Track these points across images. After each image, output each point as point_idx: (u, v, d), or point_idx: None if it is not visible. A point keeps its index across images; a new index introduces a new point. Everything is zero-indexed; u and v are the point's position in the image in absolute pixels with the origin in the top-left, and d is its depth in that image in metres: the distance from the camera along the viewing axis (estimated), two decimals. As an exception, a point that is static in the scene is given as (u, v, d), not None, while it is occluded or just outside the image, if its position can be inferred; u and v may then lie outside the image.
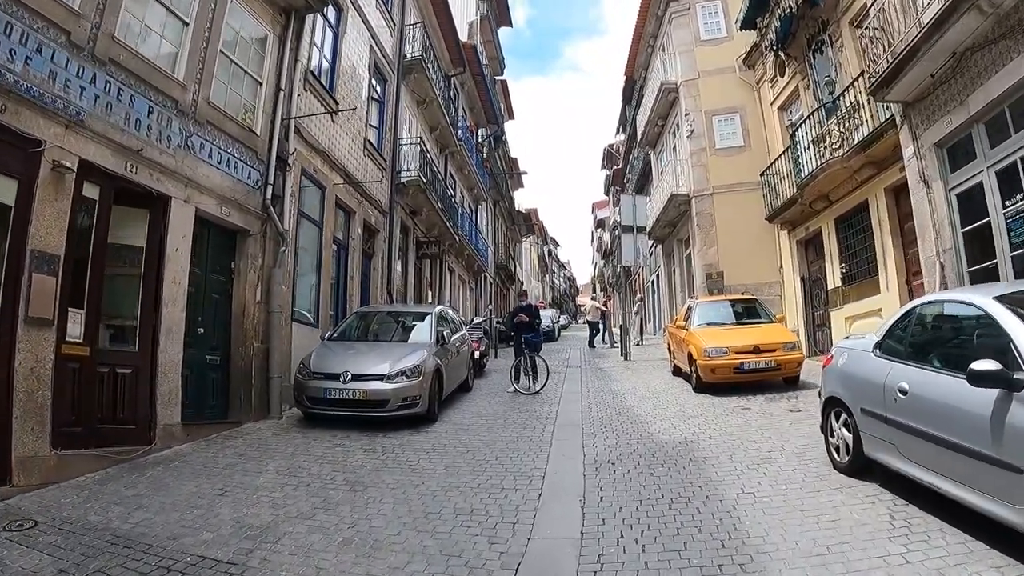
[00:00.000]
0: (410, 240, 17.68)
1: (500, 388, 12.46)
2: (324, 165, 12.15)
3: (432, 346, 9.79)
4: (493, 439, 7.96)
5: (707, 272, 18.10)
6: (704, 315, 12.10)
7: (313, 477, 6.39)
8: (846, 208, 13.53)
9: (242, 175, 9.57)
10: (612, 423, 8.66)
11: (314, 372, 9.04)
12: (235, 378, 9.50)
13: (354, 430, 8.50)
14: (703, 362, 10.34)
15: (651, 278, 32.00)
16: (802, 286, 16.11)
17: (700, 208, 18.69)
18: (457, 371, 11.15)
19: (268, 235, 10.18)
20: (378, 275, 15.06)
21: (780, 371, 10.32)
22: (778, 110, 17.45)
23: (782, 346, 10.34)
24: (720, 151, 18.83)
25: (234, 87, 9.54)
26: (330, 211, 12.38)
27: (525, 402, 10.82)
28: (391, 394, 8.63)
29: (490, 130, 31.33)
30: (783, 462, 6.15)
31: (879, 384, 4.87)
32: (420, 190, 16.32)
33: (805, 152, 14.33)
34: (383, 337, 10.56)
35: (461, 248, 23.45)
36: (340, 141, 12.99)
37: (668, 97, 20.60)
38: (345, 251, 13.46)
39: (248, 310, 9.73)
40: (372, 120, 15.50)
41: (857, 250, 13.31)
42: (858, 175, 12.51)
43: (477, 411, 10.08)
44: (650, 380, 12.98)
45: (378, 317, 11.26)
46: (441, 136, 20.98)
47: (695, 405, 9.63)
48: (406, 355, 9.16)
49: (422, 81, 17.75)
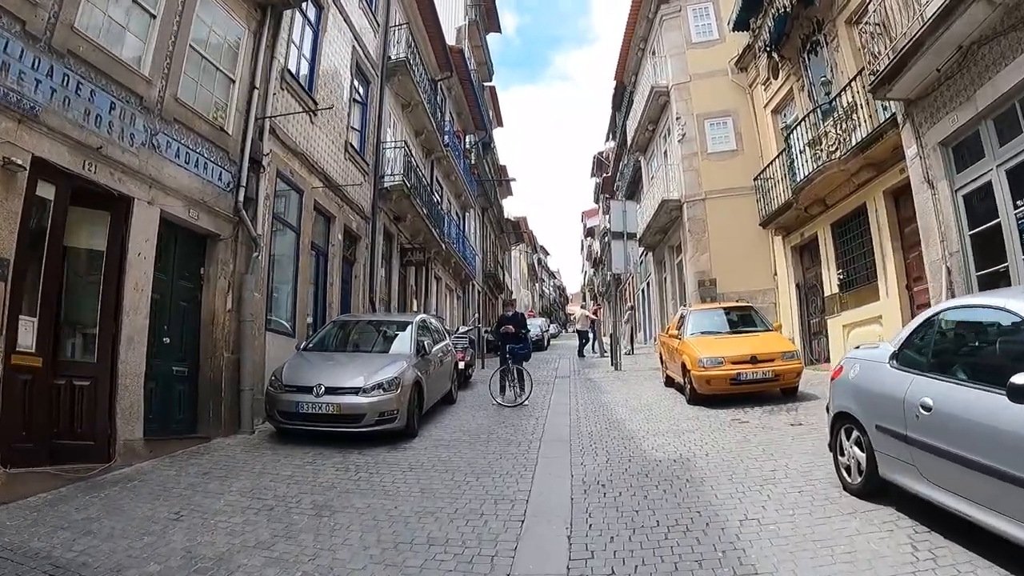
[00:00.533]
0: (394, 247, 17.17)
1: (486, 400, 11.93)
2: (302, 168, 11.64)
3: (412, 357, 9.27)
4: (475, 457, 7.44)
5: (699, 279, 17.63)
6: (698, 324, 11.63)
7: (278, 500, 5.87)
8: (843, 212, 13.13)
9: (212, 176, 9.07)
10: (602, 438, 8.16)
11: (286, 385, 8.52)
12: (204, 390, 8.96)
13: (328, 446, 7.99)
14: (697, 373, 9.85)
15: (642, 286, 31.53)
16: (797, 293, 15.68)
17: (692, 214, 18.24)
18: (440, 383, 10.63)
19: (240, 240, 9.67)
20: (360, 283, 14.53)
21: (778, 382, 9.84)
22: (771, 113, 17.07)
23: (780, 355, 9.86)
24: (712, 155, 18.41)
25: (205, 84, 9.04)
26: (308, 215, 11.86)
27: (511, 415, 10.31)
28: (367, 408, 8.11)
29: (478, 136, 30.89)
30: (788, 483, 5.64)
31: (898, 399, 4.38)
32: (404, 195, 15.82)
33: (800, 155, 13.95)
34: (361, 347, 10.03)
35: (448, 256, 22.92)
36: (319, 143, 12.48)
37: (659, 101, 20.19)
38: (324, 257, 12.94)
39: (218, 318, 9.21)
40: (354, 123, 15.03)
41: (855, 256, 12.90)
42: (856, 178, 12.11)
43: (460, 425, 9.55)
44: (642, 391, 12.49)
45: (357, 326, 10.71)
46: (427, 141, 20.51)
47: (690, 419, 9.14)
48: (383, 367, 8.64)
49: (407, 84, 17.28)
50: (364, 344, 10.16)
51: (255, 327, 9.73)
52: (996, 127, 7.66)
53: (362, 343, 10.19)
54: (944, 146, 8.69)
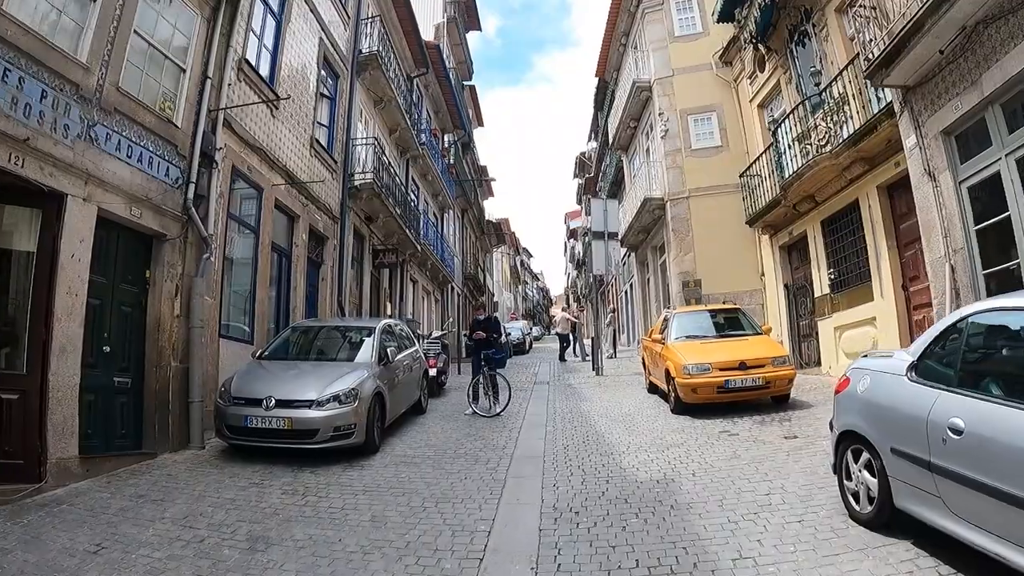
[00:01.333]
0: (366, 248, 16.39)
1: (459, 409, 11.24)
2: (262, 164, 10.90)
3: (373, 366, 8.55)
4: (437, 477, 6.72)
5: (684, 280, 16.96)
6: (682, 327, 10.94)
7: (212, 529, 5.19)
8: (834, 209, 12.57)
9: (158, 172, 8.34)
10: (579, 454, 7.44)
11: (234, 397, 7.80)
12: (149, 403, 8.21)
13: (281, 463, 7.30)
14: (682, 380, 9.18)
15: (625, 288, 30.92)
16: (786, 294, 15.09)
17: (675, 212, 17.58)
18: (406, 392, 9.91)
19: (189, 240, 8.94)
20: (327, 285, 13.76)
21: (769, 389, 9.16)
22: (758, 108, 16.51)
23: (771, 361, 9.20)
24: (696, 152, 17.77)
25: (152, 73, 8.30)
26: (268, 215, 11.10)
27: (483, 427, 9.60)
28: (320, 423, 7.39)
29: (457, 135, 30.16)
30: (786, 510, 4.95)
31: (919, 419, 3.71)
32: (375, 194, 15.06)
33: (788, 150, 13.42)
34: (320, 355, 9.29)
35: (424, 257, 22.14)
36: (282, 139, 11.74)
37: (641, 96, 19.53)
38: (288, 259, 12.17)
39: (164, 325, 8.46)
40: (322, 118, 14.27)
41: (847, 254, 12.33)
42: (848, 172, 11.56)
43: (427, 438, 8.84)
44: (623, 399, 11.81)
45: (316, 333, 9.94)
46: (401, 139, 19.75)
47: (674, 430, 8.44)
48: (340, 377, 7.89)
49: (379, 79, 16.52)
50: (323, 352, 9.42)
51: (207, 334, 9.03)
52: (1005, 113, 7.05)
53: (321, 351, 9.45)
54: (946, 135, 8.09)
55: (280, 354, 9.14)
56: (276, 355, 9.10)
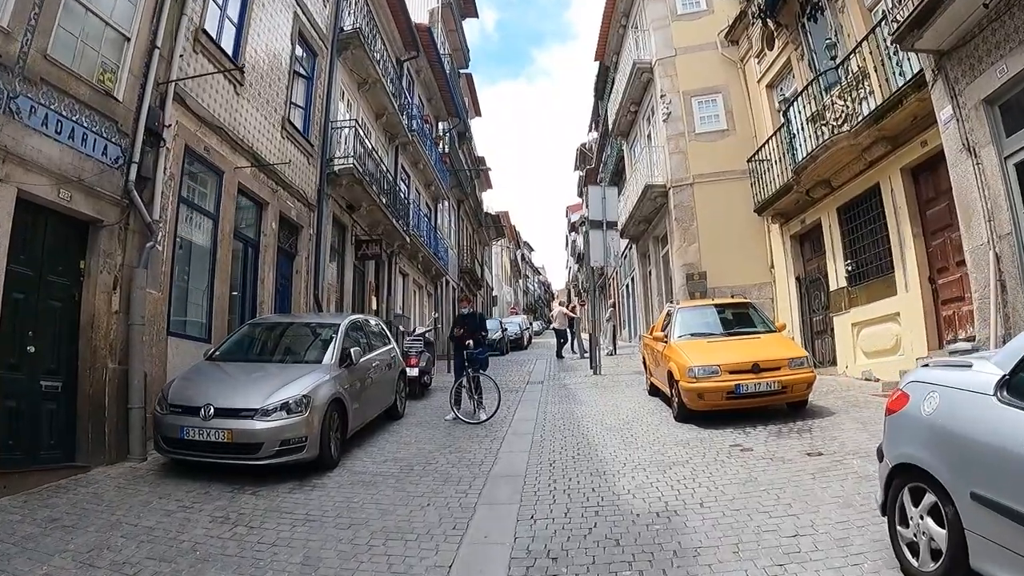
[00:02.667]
0: (348, 239, 15.34)
1: (441, 413, 10.23)
2: (222, 145, 9.87)
3: (332, 368, 7.50)
4: (396, 502, 5.68)
5: (687, 273, 15.84)
6: (687, 324, 9.84)
7: (113, 569, 4.26)
8: (852, 195, 11.56)
9: (94, 150, 7.34)
10: (566, 473, 6.38)
11: (171, 404, 6.82)
12: (83, 410, 7.20)
13: (222, 480, 6.36)
14: (687, 385, 8.11)
15: (626, 281, 29.81)
16: (797, 288, 14.02)
17: (679, 200, 16.45)
18: (377, 396, 8.87)
19: (131, 227, 7.94)
20: (302, 278, 12.72)
21: (786, 395, 8.08)
22: (766, 88, 15.43)
23: (788, 363, 8.10)
24: (700, 136, 16.64)
25: (89, 40, 7.32)
26: (229, 200, 10.05)
27: (463, 435, 8.57)
28: (265, 435, 6.38)
29: (452, 123, 29.04)
30: (820, 560, 3.87)
31: (1016, 456, 2.67)
32: (356, 181, 13.99)
33: (800, 132, 12.37)
34: (276, 355, 8.25)
35: (415, 249, 21.09)
36: (248, 118, 10.69)
37: (641, 78, 18.39)
38: (255, 249, 11.13)
39: (100, 322, 7.47)
40: (297, 99, 13.22)
41: (866, 244, 11.31)
42: (868, 154, 10.55)
43: (396, 450, 7.80)
44: (622, 402, 10.75)
45: (276, 330, 8.90)
46: (389, 124, 18.66)
47: (678, 443, 7.35)
48: (291, 382, 6.85)
49: (362, 58, 15.45)
50: (280, 352, 8.38)
51: (152, 331, 8.06)
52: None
53: (278, 350, 8.41)
54: (989, 104, 7.07)
55: (233, 354, 8.12)
56: (229, 355, 8.08)
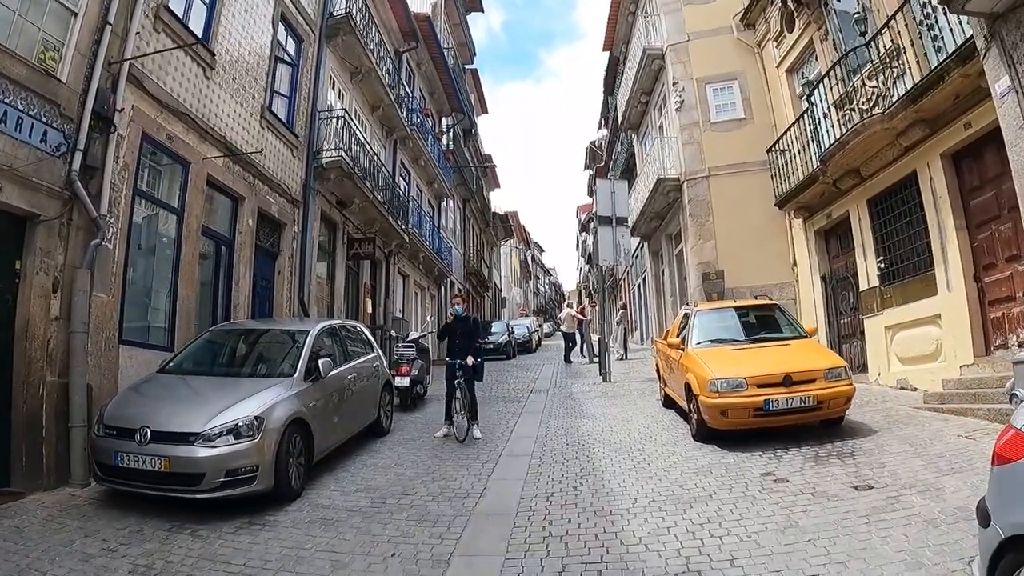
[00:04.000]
0: (339, 237, 14.34)
1: (432, 428, 9.21)
2: (189, 133, 8.93)
3: (296, 383, 6.48)
4: (355, 550, 4.66)
5: (703, 272, 14.70)
6: (706, 329, 8.73)
7: None
8: (884, 185, 10.47)
9: (30, 136, 6.48)
10: (565, 512, 5.32)
11: (106, 425, 5.86)
12: (18, 428, 6.33)
13: (162, 515, 5.44)
14: (709, 400, 7.02)
15: (637, 282, 28.67)
16: (823, 288, 12.91)
17: (693, 194, 15.32)
18: (353, 413, 7.85)
19: (75, 223, 7.03)
20: (285, 280, 11.73)
21: (821, 411, 6.97)
22: (786, 73, 14.33)
23: (824, 374, 7.01)
24: (716, 125, 15.52)
25: (28, 14, 6.51)
26: (196, 194, 9.09)
27: (452, 457, 7.54)
28: (207, 464, 5.39)
29: (456, 119, 28.03)
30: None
31: None
32: (345, 174, 12.99)
33: (826, 117, 11.29)
34: (235, 367, 7.25)
35: (416, 249, 20.08)
36: (220, 105, 9.75)
37: (652, 66, 17.28)
38: (229, 248, 10.16)
39: (36, 329, 6.58)
40: (281, 87, 12.27)
41: (901, 238, 10.22)
42: (903, 138, 9.47)
43: (371, 476, 6.77)
44: (633, 416, 9.68)
45: (239, 338, 7.86)
46: (385, 117, 17.66)
47: (699, 470, 6.26)
48: (242, 400, 5.84)
49: (353, 46, 14.47)
50: (241, 363, 7.38)
51: (100, 339, 7.21)
52: None
53: (239, 362, 7.41)
54: (1058, 70, 5.99)
55: (190, 366, 7.12)
56: (184, 367, 7.08)
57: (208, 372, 6.95)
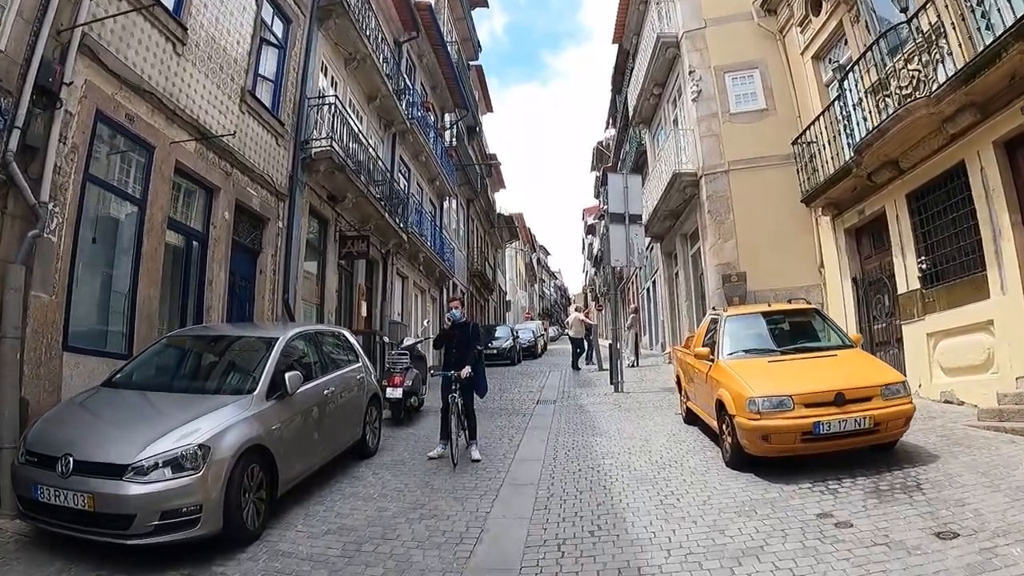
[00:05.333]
0: (330, 235, 13.32)
1: (426, 446, 8.20)
2: (154, 114, 7.95)
3: (257, 400, 5.43)
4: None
5: (723, 274, 13.59)
6: (739, 337, 7.62)
7: None
8: (927, 177, 9.43)
9: (-43, 110, 5.46)
10: (582, 570, 4.26)
11: (28, 451, 4.83)
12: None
13: (91, 559, 4.48)
14: (748, 422, 5.94)
15: (647, 285, 27.55)
16: (854, 291, 11.84)
17: (712, 190, 14.23)
18: (333, 433, 6.79)
19: (9, 211, 6.07)
20: (268, 279, 10.72)
21: (878, 434, 5.89)
22: (812, 60, 13.27)
23: (881, 391, 5.94)
24: (736, 117, 14.45)
25: None
26: (162, 182, 8.09)
27: (445, 485, 6.51)
28: (139, 504, 4.37)
29: (459, 115, 27.02)
30: None
31: None
32: (336, 167, 11.97)
33: (858, 106, 10.28)
34: (188, 382, 6.21)
35: (416, 249, 19.04)
36: (192, 85, 8.78)
37: (666, 55, 16.20)
38: (201, 243, 9.16)
39: (-41, 336, 5.57)
40: (266, 70, 11.30)
41: (946, 236, 9.20)
42: (950, 125, 8.45)
43: (348, 511, 5.72)
44: (652, 433, 8.62)
45: (199, 346, 6.79)
46: (383, 109, 16.66)
47: (739, 510, 5.19)
48: (186, 423, 4.82)
49: (347, 30, 13.49)
50: (195, 376, 6.34)
51: (39, 346, 6.20)
52: None
53: (193, 375, 6.37)
54: None
55: (141, 377, 6.11)
56: (135, 379, 6.07)
57: (157, 386, 5.92)
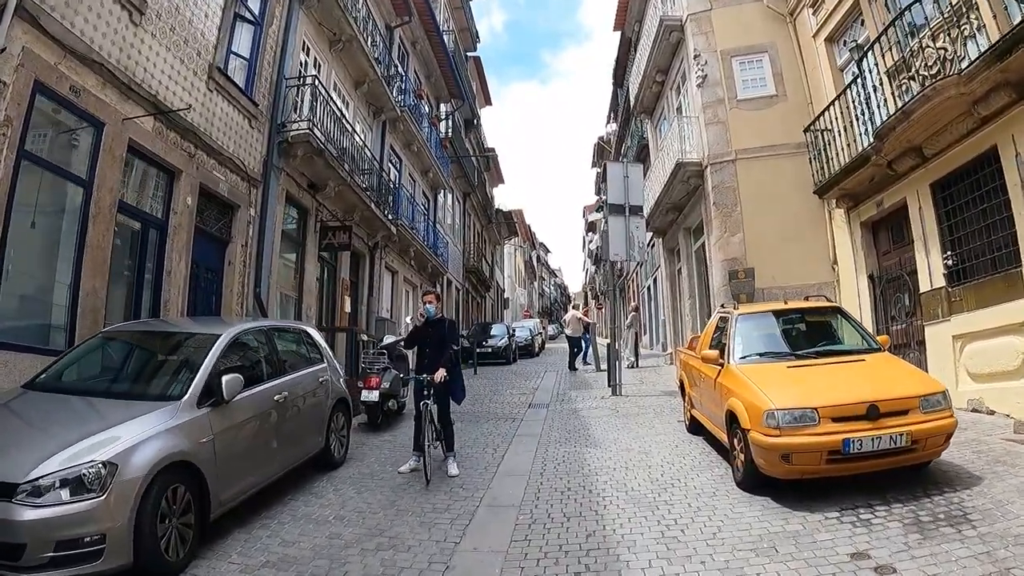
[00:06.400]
0: (311, 225, 12.47)
1: (401, 455, 7.38)
2: (106, 88, 7.17)
3: (183, 408, 4.60)
4: None
5: (730, 270, 12.70)
6: (752, 338, 6.71)
7: None
8: (955, 164, 8.60)
9: None
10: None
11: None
12: None
13: None
14: (765, 439, 5.05)
15: (647, 283, 26.68)
16: (870, 289, 11.01)
17: (718, 180, 13.35)
18: (285, 444, 5.93)
19: (-86, 188, 5.25)
20: (237, 271, 9.89)
21: (916, 453, 5.03)
22: (825, 43, 12.42)
23: (920, 403, 5.08)
24: (743, 103, 13.58)
25: None
26: (112, 162, 7.28)
27: (413, 506, 5.68)
28: (30, 531, 3.59)
29: (455, 105, 26.15)
30: None
31: None
32: (315, 151, 11.13)
33: (877, 89, 9.48)
34: (115, 385, 5.36)
35: (406, 243, 18.20)
36: (152, 58, 8.00)
37: (670, 39, 15.32)
38: (160, 231, 8.36)
39: None
40: (240, 47, 10.48)
41: (975, 229, 8.39)
42: (982, 106, 7.65)
43: (294, 539, 4.88)
44: (652, 443, 7.79)
45: (135, 344, 5.95)
46: (372, 95, 15.82)
47: (757, 547, 4.34)
48: (94, 435, 3.99)
49: (331, 8, 12.66)
50: (123, 378, 5.50)
51: None
52: None
53: (122, 376, 5.53)
54: None
55: (69, 378, 5.30)
56: (64, 380, 5.26)
57: (82, 389, 5.10)
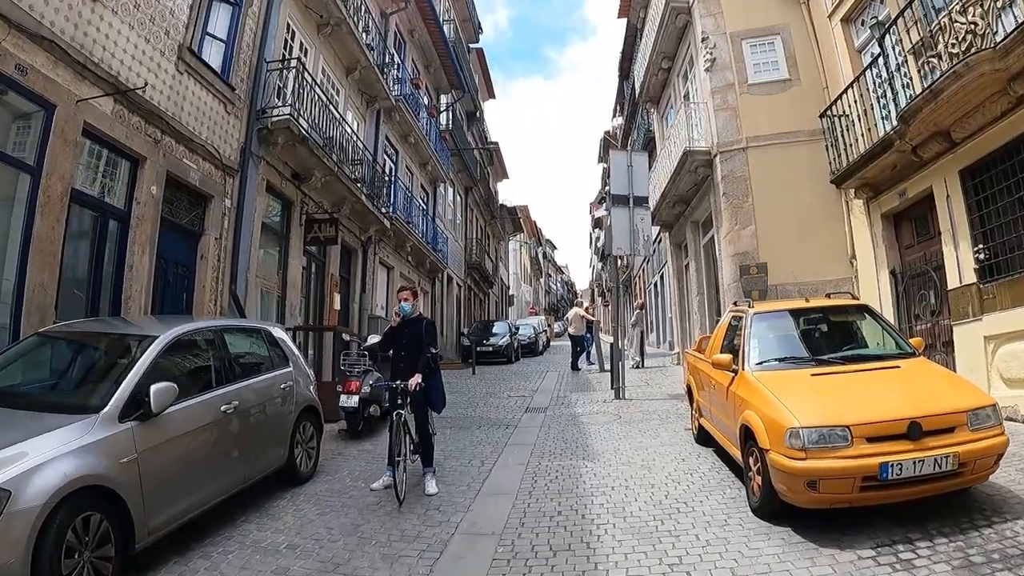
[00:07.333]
0: (295, 218, 11.77)
1: (379, 469, 6.68)
2: (57, 67, 6.55)
3: (102, 423, 3.89)
4: None
5: (741, 264, 11.91)
6: (769, 340, 5.90)
7: None
8: (987, 149, 7.87)
9: None
10: None
11: None
12: None
13: None
14: (788, 462, 4.26)
15: (654, 279, 25.90)
16: (892, 285, 10.25)
17: (728, 170, 12.56)
18: (237, 459, 5.24)
19: None
20: (211, 266, 9.21)
21: (963, 477, 4.25)
22: (841, 23, 11.65)
23: (967, 419, 4.30)
24: (755, 88, 12.80)
25: None
26: (64, 147, 6.61)
27: (380, 532, 4.98)
28: None
29: (455, 96, 25.42)
30: None
31: None
32: (297, 139, 10.45)
33: (901, 68, 8.75)
34: (39, 394, 4.69)
35: (402, 238, 17.53)
36: (112, 36, 7.37)
37: (677, 22, 14.54)
38: (121, 223, 7.69)
39: None
40: (216, 28, 9.80)
41: (1010, 220, 7.65)
42: (1018, 84, 6.96)
43: (237, 571, 4.19)
44: (656, 457, 7.04)
45: (69, 346, 5.27)
46: (364, 83, 15.10)
47: None
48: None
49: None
50: (47, 386, 4.85)
51: None
52: None
53: (44, 384, 4.88)
54: None
55: None
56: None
57: (7, 398, 4.43)
